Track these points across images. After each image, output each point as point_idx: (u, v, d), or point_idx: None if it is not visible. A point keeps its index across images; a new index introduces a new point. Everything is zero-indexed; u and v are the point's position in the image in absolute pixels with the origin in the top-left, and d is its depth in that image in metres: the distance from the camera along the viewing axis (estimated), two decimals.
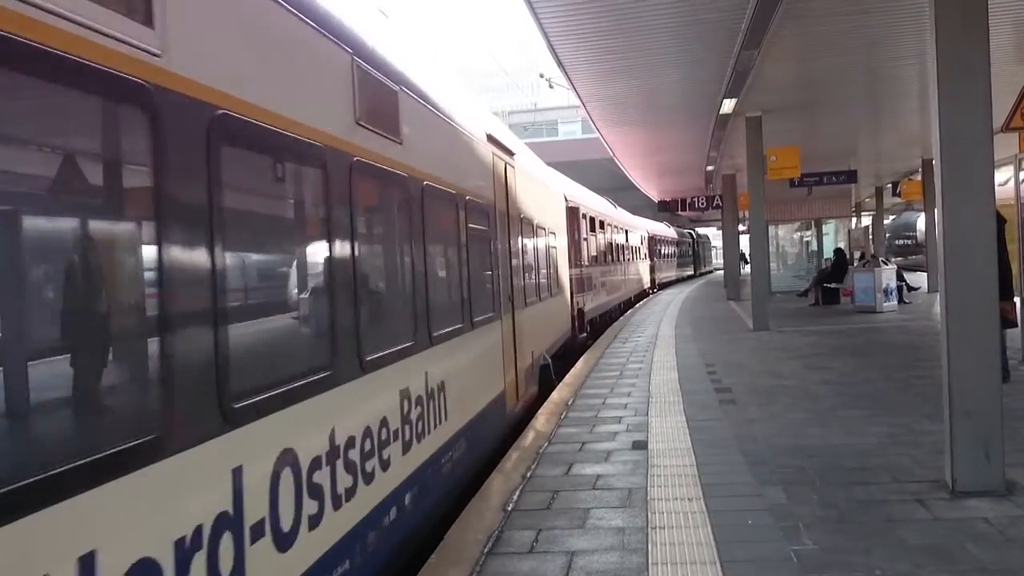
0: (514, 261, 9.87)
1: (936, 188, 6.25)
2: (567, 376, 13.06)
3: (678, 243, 54.62)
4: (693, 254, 65.42)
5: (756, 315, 18.69)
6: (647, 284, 37.02)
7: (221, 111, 3.30)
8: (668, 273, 48.75)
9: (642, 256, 34.99)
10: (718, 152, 23.88)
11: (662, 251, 45.19)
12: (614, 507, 5.98)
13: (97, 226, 2.86)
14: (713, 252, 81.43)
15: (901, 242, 50.64)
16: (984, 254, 6.04)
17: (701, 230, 76.71)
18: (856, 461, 6.92)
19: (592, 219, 20.54)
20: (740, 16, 11.50)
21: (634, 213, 39.87)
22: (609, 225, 24.09)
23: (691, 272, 61.59)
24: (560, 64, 14.15)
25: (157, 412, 2.87)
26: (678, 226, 58.43)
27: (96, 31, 2.61)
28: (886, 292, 21.93)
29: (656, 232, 42.86)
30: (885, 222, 45.18)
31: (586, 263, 19.22)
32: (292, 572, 3.70)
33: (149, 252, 2.89)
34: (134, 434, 2.72)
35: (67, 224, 2.76)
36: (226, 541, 3.16)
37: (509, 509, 6.08)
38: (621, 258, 26.86)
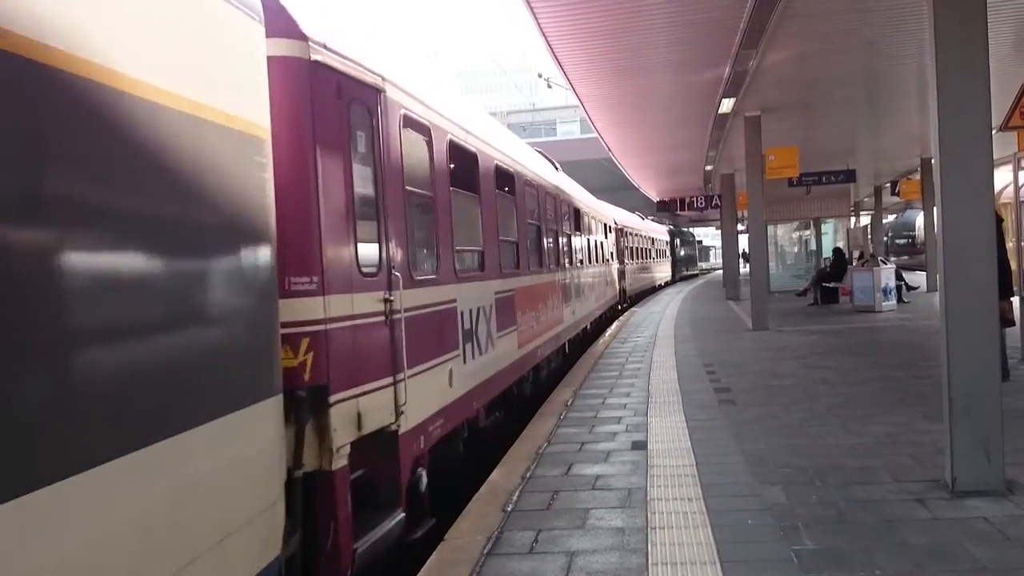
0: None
1: (935, 187, 6.24)
2: (566, 376, 13.05)
3: (654, 240, 40.75)
4: (680, 255, 55.85)
5: (755, 315, 18.68)
6: (609, 298, 23.35)
7: None
8: (645, 278, 36.40)
9: (604, 257, 22.10)
10: (717, 152, 23.87)
11: (636, 251, 32.59)
12: (614, 507, 5.98)
13: None
14: (699, 250, 73.18)
15: (902, 241, 50.57)
16: (983, 253, 6.03)
17: (699, 229, 76.22)
18: (856, 461, 6.91)
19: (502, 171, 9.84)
20: (739, 15, 11.49)
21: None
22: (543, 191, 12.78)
23: (668, 277, 48.31)
24: (558, 64, 14.13)
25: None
26: (654, 218, 46.66)
27: None
28: (885, 291, 21.93)
29: (628, 225, 30.39)
30: (886, 221, 45.24)
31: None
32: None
33: None
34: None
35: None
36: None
37: (509, 510, 6.07)
38: (569, 261, 15.44)
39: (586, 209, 18.52)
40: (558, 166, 16.76)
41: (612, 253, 24.55)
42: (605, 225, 22.99)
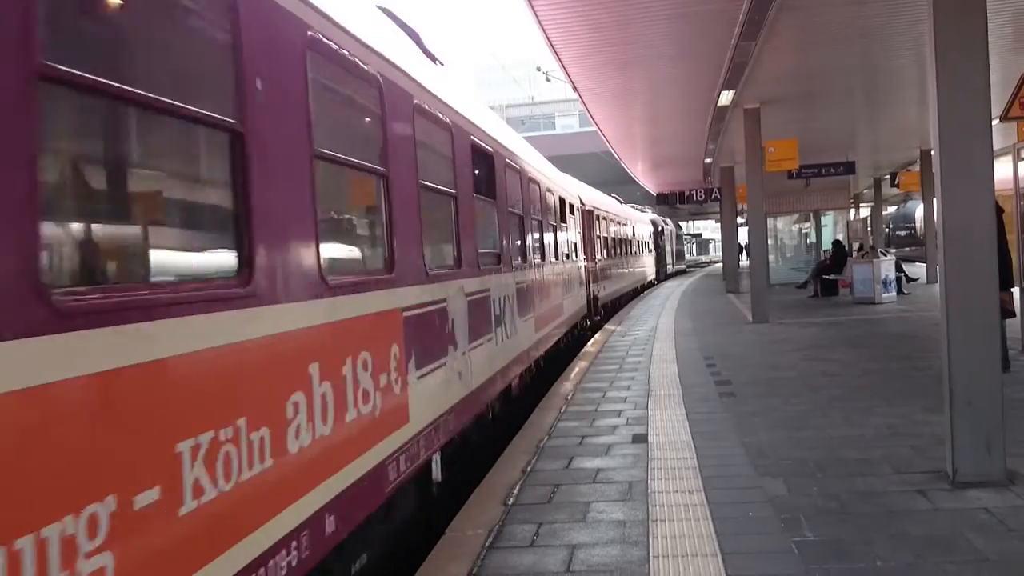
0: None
1: (935, 178, 6.23)
2: (566, 370, 13.05)
3: (635, 229, 32.31)
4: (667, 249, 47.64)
5: (755, 307, 18.67)
6: (577, 309, 16.72)
7: None
8: (623, 279, 27.99)
9: (566, 253, 15.51)
10: (716, 144, 23.84)
11: (612, 243, 24.79)
12: (615, 500, 5.98)
13: None
14: (685, 243, 66.13)
15: (902, 233, 50.52)
16: (984, 244, 6.02)
17: (699, 223, 76.24)
18: (857, 452, 6.91)
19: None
20: (737, 7, 11.47)
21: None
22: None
23: (651, 276, 39.18)
24: (557, 57, 14.11)
25: None
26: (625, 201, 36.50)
27: None
28: (885, 283, 21.93)
29: (600, 206, 22.92)
30: (886, 212, 45.18)
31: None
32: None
33: None
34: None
35: None
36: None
37: (510, 503, 6.08)
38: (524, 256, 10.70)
39: (532, 172, 11.82)
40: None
41: (577, 245, 17.36)
42: (566, 203, 15.52)
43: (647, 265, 37.59)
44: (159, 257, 3.33)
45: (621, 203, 31.71)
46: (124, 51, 3.11)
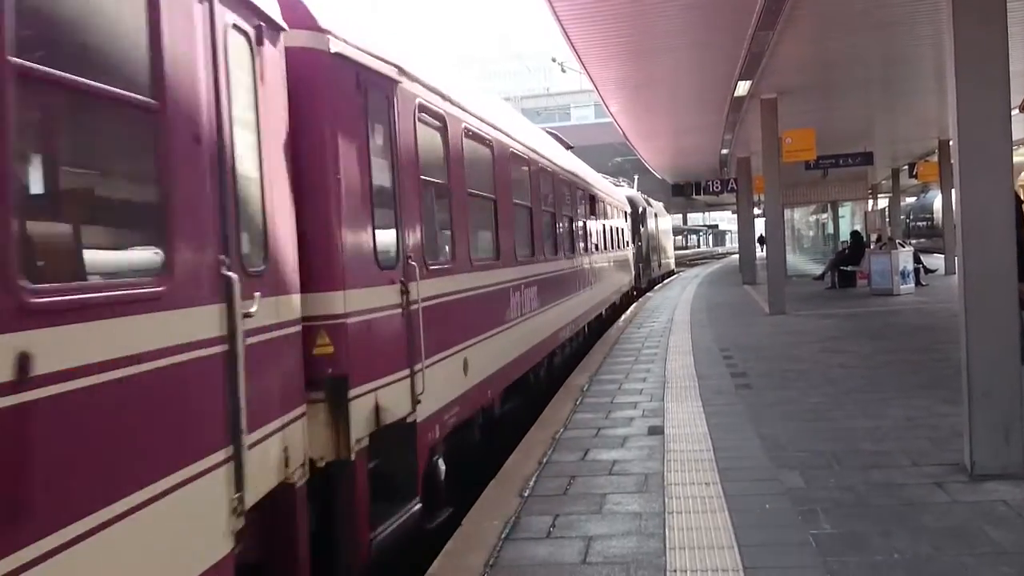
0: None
1: (953, 169, 6.19)
2: (583, 361, 13.05)
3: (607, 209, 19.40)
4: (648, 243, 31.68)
5: (772, 299, 18.60)
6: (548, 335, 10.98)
7: None
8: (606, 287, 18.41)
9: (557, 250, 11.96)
10: (732, 135, 23.74)
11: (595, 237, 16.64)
12: (631, 492, 5.98)
13: None
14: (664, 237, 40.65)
15: (921, 224, 50.15)
16: (1002, 234, 5.98)
17: (716, 214, 75.61)
18: (874, 444, 6.89)
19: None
20: None
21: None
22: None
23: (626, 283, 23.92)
24: (573, 48, 14.08)
25: None
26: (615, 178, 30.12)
27: None
28: (903, 275, 21.79)
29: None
30: (905, 203, 44.86)
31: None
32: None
33: None
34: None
35: None
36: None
37: (526, 495, 6.10)
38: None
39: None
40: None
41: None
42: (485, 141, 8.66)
43: (619, 263, 21.94)
44: None
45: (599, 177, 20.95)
46: None
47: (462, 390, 7.00)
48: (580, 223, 14.77)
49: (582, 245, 14.81)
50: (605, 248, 18.26)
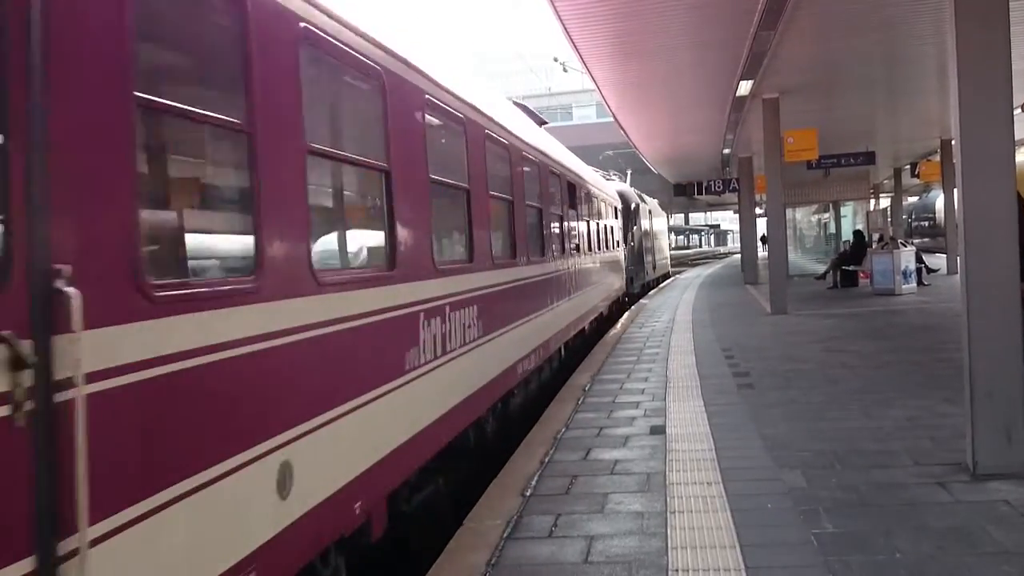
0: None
1: (955, 168, 6.19)
2: (584, 361, 13.06)
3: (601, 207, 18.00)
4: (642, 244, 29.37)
5: (774, 299, 18.59)
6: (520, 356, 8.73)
7: None
8: (590, 297, 15.45)
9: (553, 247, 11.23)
10: (734, 135, 23.73)
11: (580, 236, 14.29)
12: (633, 492, 5.99)
13: None
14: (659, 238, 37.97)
15: (923, 223, 50.11)
16: (1004, 234, 5.98)
17: (717, 214, 75.55)
18: (876, 444, 6.89)
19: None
20: None
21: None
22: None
23: (617, 290, 20.85)
24: (574, 47, 14.08)
25: None
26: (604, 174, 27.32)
27: None
28: (905, 274, 21.78)
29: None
30: (907, 203, 44.83)
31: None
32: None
33: None
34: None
35: None
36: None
37: (528, 494, 6.10)
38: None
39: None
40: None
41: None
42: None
43: (611, 264, 19.58)
44: None
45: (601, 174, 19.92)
46: None
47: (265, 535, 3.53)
48: (555, 218, 11.94)
49: (556, 247, 11.85)
50: (591, 250, 15.67)
